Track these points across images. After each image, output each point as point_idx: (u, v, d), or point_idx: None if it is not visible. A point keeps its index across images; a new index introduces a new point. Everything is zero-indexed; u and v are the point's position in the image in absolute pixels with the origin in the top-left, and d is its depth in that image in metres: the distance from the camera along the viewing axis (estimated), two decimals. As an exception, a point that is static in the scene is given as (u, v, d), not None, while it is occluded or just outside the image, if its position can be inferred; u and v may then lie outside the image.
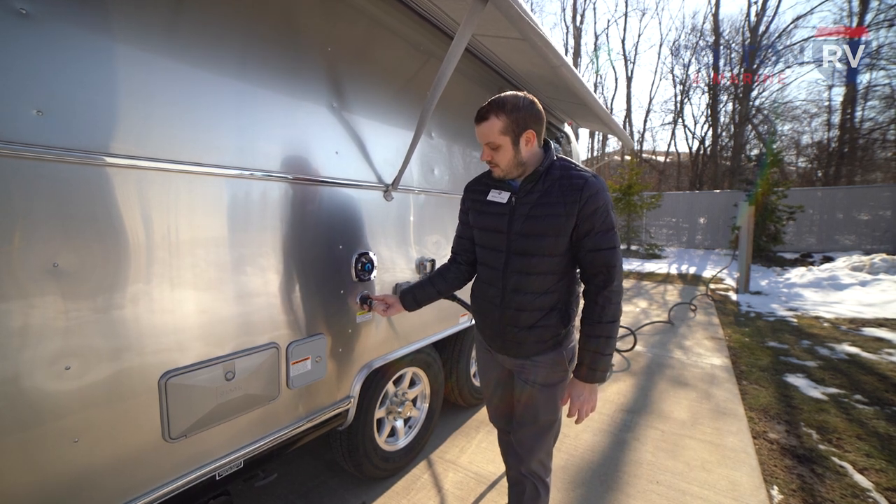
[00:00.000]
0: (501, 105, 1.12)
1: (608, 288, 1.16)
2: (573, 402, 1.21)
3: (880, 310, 5.09)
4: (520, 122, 1.13)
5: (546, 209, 1.15)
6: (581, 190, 1.12)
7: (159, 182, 0.99)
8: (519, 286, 1.20)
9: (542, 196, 1.16)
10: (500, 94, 1.15)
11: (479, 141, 1.19)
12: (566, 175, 1.16)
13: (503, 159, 1.17)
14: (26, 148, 0.79)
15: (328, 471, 2.00)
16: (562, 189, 1.15)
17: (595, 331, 1.16)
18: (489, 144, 1.16)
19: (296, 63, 1.31)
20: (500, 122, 1.12)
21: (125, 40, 0.92)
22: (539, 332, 1.21)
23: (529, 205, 1.17)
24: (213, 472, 1.16)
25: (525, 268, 1.18)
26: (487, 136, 1.15)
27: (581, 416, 1.20)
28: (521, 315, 1.20)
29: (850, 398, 2.77)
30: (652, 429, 2.39)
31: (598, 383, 1.19)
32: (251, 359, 1.21)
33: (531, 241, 1.17)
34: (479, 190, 1.30)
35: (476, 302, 1.34)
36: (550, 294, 1.20)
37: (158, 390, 1.02)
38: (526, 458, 1.31)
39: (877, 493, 1.86)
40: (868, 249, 9.33)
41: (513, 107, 1.12)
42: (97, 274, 0.89)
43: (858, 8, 13.78)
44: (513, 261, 1.20)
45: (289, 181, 1.30)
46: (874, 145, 14.86)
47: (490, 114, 1.13)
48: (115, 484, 0.97)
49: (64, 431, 0.87)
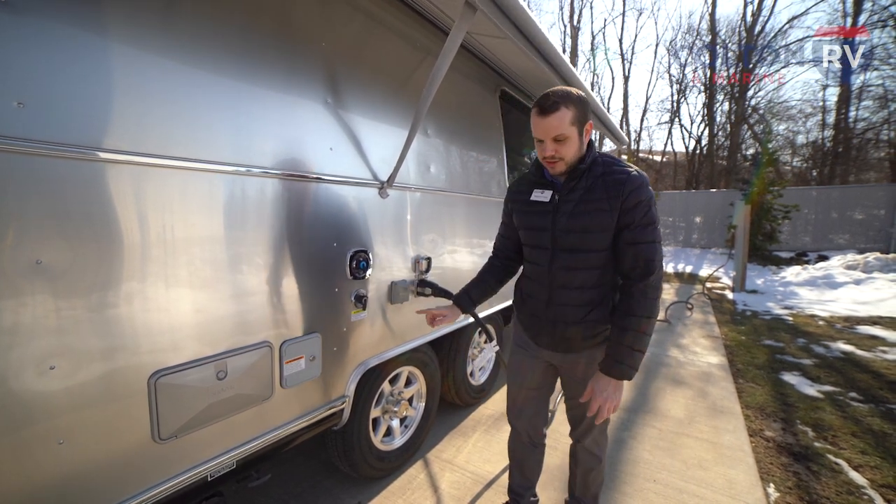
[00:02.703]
0: (567, 95, 1.11)
1: (644, 281, 1.13)
2: (595, 397, 1.15)
3: (874, 308, 5.13)
4: (584, 112, 1.13)
5: (590, 205, 1.16)
6: (623, 184, 1.13)
7: (146, 177, 0.96)
8: (565, 282, 1.21)
9: (586, 192, 1.17)
10: (554, 88, 1.13)
11: (543, 135, 1.14)
12: (609, 171, 1.17)
13: (569, 151, 1.14)
14: (5, 141, 0.76)
15: (323, 471, 1.98)
16: (605, 185, 1.15)
17: (626, 323, 1.14)
18: (557, 137, 1.12)
19: (289, 58, 1.29)
20: (571, 113, 1.10)
21: (111, 31, 0.90)
22: (587, 326, 1.22)
23: (574, 202, 1.18)
24: (205, 473, 1.14)
25: (571, 263, 1.20)
26: (557, 129, 1.11)
27: (602, 414, 1.14)
28: (568, 310, 1.22)
29: (845, 396, 2.79)
30: (649, 427, 2.39)
31: (624, 380, 1.15)
32: (243, 358, 1.19)
33: (576, 237, 1.18)
34: (522, 190, 1.31)
35: (522, 299, 1.36)
36: (597, 288, 1.21)
37: (147, 390, 0.99)
38: (583, 437, 1.41)
39: (871, 490, 1.86)
40: (862, 248, 9.39)
41: (577, 97, 1.12)
42: (82, 271, 0.87)
43: (852, 9, 13.88)
44: (558, 257, 1.21)
45: (281, 177, 1.28)
46: (868, 145, 14.99)
47: (560, 105, 1.10)
48: (102, 486, 0.95)
49: (48, 433, 0.85)
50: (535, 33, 1.50)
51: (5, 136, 0.76)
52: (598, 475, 1.48)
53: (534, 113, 1.15)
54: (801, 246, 10.50)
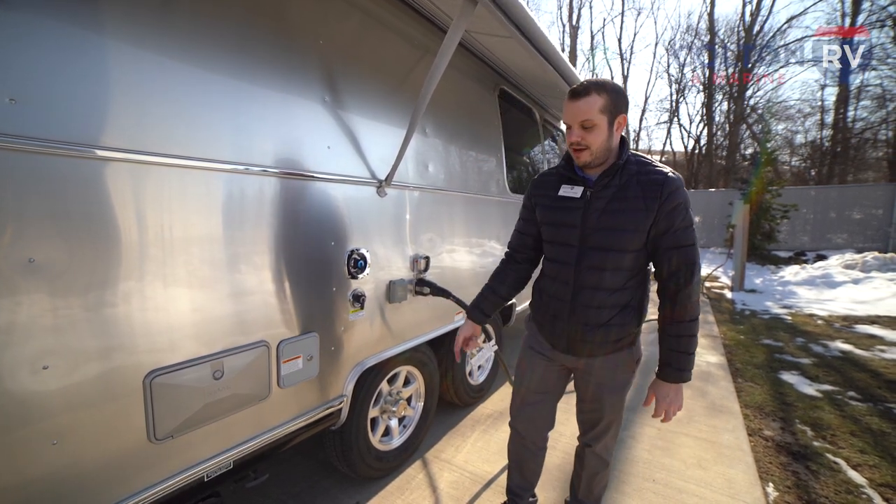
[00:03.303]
0: (601, 84, 1.09)
1: (690, 286, 1.12)
2: (660, 402, 1.19)
3: (872, 307, 5.14)
4: (617, 103, 1.10)
5: (624, 203, 1.13)
6: (662, 185, 1.10)
7: (141, 175, 0.95)
8: (592, 282, 1.17)
9: (620, 190, 1.14)
10: (591, 78, 1.13)
11: (571, 120, 1.12)
12: (644, 170, 1.14)
13: (596, 140, 1.11)
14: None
15: (321, 471, 1.97)
16: (640, 184, 1.12)
17: (680, 330, 1.14)
18: (584, 123, 1.09)
19: (287, 56, 1.28)
20: (602, 100, 1.08)
21: (107, 27, 0.89)
22: (611, 330, 1.19)
23: (606, 199, 1.14)
24: (202, 473, 1.13)
25: (600, 263, 1.16)
26: (586, 113, 1.08)
27: (668, 417, 1.19)
28: (592, 312, 1.18)
29: (843, 395, 2.79)
30: (648, 426, 2.39)
31: (684, 382, 1.17)
32: (240, 357, 1.18)
33: (608, 236, 1.14)
34: (550, 184, 1.26)
35: (542, 300, 1.30)
36: (624, 291, 1.18)
37: (143, 390, 0.99)
38: (594, 442, 1.39)
39: (870, 490, 1.86)
40: (860, 248, 9.42)
41: (612, 87, 1.10)
42: (76, 270, 0.86)
43: (851, 9, 13.91)
44: (587, 256, 1.17)
45: (279, 176, 1.27)
46: (866, 145, 15.03)
47: (591, 90, 1.08)
48: (98, 487, 0.94)
49: (41, 433, 0.84)
50: (532, 29, 1.49)
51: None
52: (604, 478, 1.46)
53: (567, 98, 1.14)
54: (799, 245, 10.52)
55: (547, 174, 1.31)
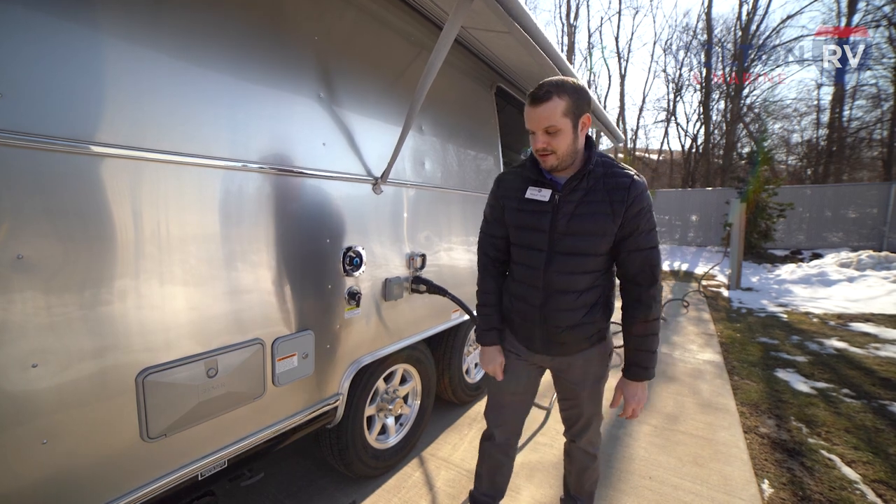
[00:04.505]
0: (562, 85, 1.05)
1: (654, 286, 1.15)
2: (629, 401, 1.22)
3: (866, 305, 5.18)
4: (579, 104, 1.07)
5: (592, 207, 1.12)
6: (628, 189, 1.10)
7: (132, 171, 0.94)
8: (562, 286, 1.17)
9: (587, 194, 1.13)
10: (550, 78, 1.08)
11: (534, 127, 1.09)
12: (610, 173, 1.14)
13: (562, 145, 1.08)
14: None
15: (317, 469, 1.97)
16: (607, 188, 1.12)
17: (644, 329, 1.17)
18: (549, 129, 1.07)
19: (282, 52, 1.27)
20: (564, 103, 1.04)
21: (99, 21, 0.88)
22: (584, 329, 1.20)
23: (574, 203, 1.13)
24: (196, 472, 1.13)
25: (569, 267, 1.15)
26: (549, 119, 1.05)
27: (636, 414, 1.23)
28: (563, 314, 1.18)
29: (838, 392, 2.81)
30: (644, 424, 2.39)
31: (649, 380, 1.20)
32: (234, 355, 1.17)
33: (577, 241, 1.13)
34: (515, 186, 1.23)
35: (512, 303, 1.28)
36: (593, 290, 1.19)
37: (135, 388, 0.98)
38: (578, 437, 1.39)
39: (864, 485, 1.87)
40: (855, 246, 9.47)
41: (573, 87, 1.06)
42: (66, 266, 0.85)
43: (847, 9, 13.97)
44: (556, 260, 1.15)
45: (274, 173, 1.26)
46: (861, 144, 15.12)
47: (552, 94, 1.04)
48: (90, 486, 0.93)
49: (30, 433, 0.83)
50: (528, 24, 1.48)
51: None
52: (594, 472, 1.47)
53: (527, 103, 1.10)
54: (795, 244, 10.57)
55: (510, 174, 1.27)
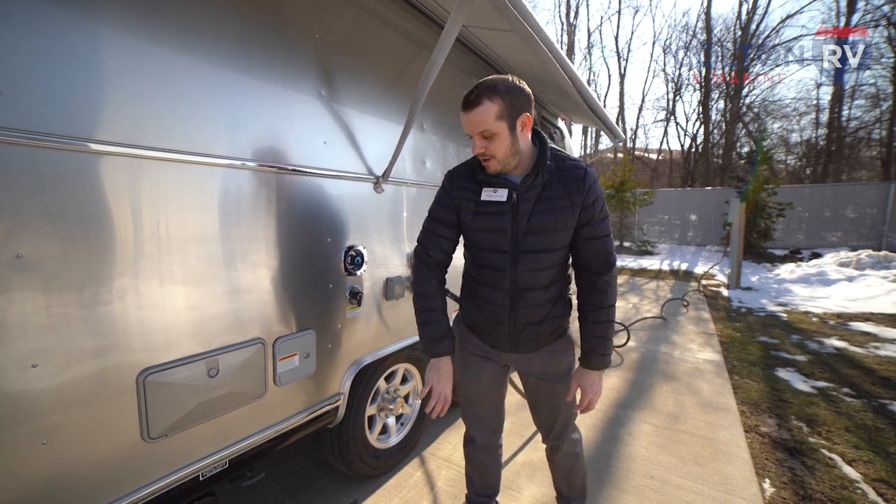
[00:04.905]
0: (493, 87, 1.01)
1: (608, 273, 1.17)
2: (586, 392, 1.20)
3: (866, 304, 5.18)
4: (515, 104, 1.03)
5: (551, 203, 1.11)
6: (583, 181, 1.11)
7: (133, 169, 0.94)
8: (529, 283, 1.16)
9: (544, 190, 1.11)
10: (487, 78, 1.04)
11: (469, 132, 1.06)
12: (563, 166, 1.13)
13: (500, 149, 1.05)
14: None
15: (318, 469, 1.96)
16: (562, 181, 1.11)
17: (600, 316, 1.18)
18: (483, 133, 1.04)
19: (283, 50, 1.27)
20: (496, 106, 1.01)
21: (100, 18, 0.87)
22: (551, 323, 1.21)
23: (532, 200, 1.11)
24: (197, 472, 1.12)
25: (535, 265, 1.15)
26: (481, 124, 1.02)
27: (592, 405, 1.20)
28: (532, 311, 1.18)
29: (838, 391, 2.81)
30: (645, 424, 2.39)
31: (606, 368, 1.20)
32: (235, 355, 1.17)
33: (541, 238, 1.12)
34: (470, 188, 1.17)
35: (477, 306, 1.25)
36: (555, 285, 1.20)
37: (136, 388, 0.97)
38: (559, 441, 1.36)
39: (864, 485, 1.87)
40: (854, 246, 9.49)
41: (506, 88, 1.02)
42: (66, 266, 0.85)
43: (846, 8, 13.98)
44: (522, 260, 1.14)
45: (274, 172, 1.25)
46: (860, 144, 15.14)
47: (483, 98, 1.01)
48: (91, 486, 0.93)
49: (30, 433, 0.82)
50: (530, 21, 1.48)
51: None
52: (581, 468, 1.44)
53: (461, 107, 1.06)
54: (794, 243, 10.59)
55: (462, 171, 1.21)
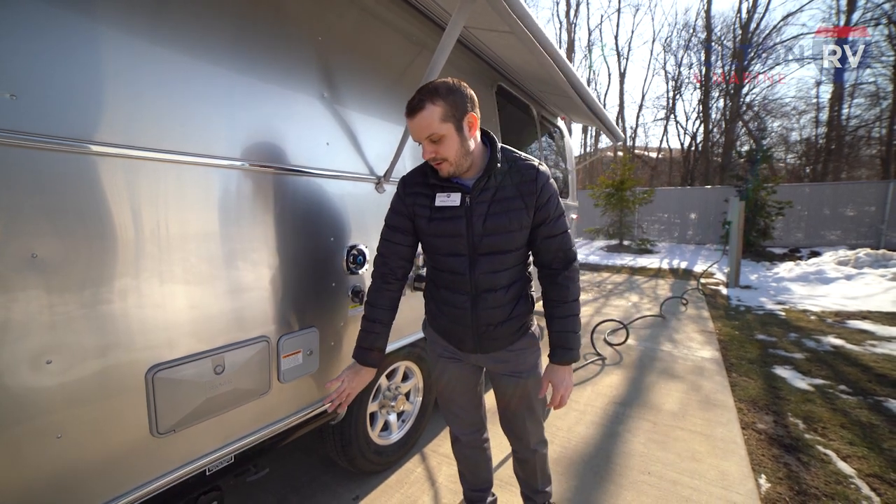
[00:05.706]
0: (435, 91, 1.02)
1: (569, 268, 1.19)
2: (557, 388, 1.19)
3: (863, 303, 5.21)
4: (458, 105, 1.04)
5: (505, 204, 1.11)
6: (535, 181, 1.12)
7: (143, 171, 0.96)
8: (489, 285, 1.17)
9: (497, 192, 1.12)
10: (425, 83, 1.06)
11: (417, 137, 1.07)
12: (515, 167, 1.14)
13: (450, 151, 1.06)
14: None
15: (321, 465, 1.99)
16: (514, 181, 1.12)
17: (565, 311, 1.19)
18: (431, 137, 1.04)
19: (285, 52, 1.28)
20: (439, 108, 1.02)
21: (106, 21, 0.89)
22: (513, 322, 1.22)
23: (486, 202, 1.12)
24: (203, 467, 1.15)
25: (493, 266, 1.16)
26: (427, 128, 1.03)
27: (564, 401, 1.20)
28: (494, 312, 1.19)
29: (834, 389, 2.83)
30: (643, 421, 2.42)
31: (574, 363, 1.21)
32: (241, 352, 1.19)
33: (496, 240, 1.13)
34: (424, 194, 1.18)
35: (439, 309, 1.27)
36: (516, 284, 1.21)
37: (145, 384, 0.99)
38: (527, 438, 1.38)
39: (859, 480, 1.90)
40: (853, 244, 9.51)
41: (447, 90, 1.03)
42: (79, 265, 0.87)
43: (846, 6, 13.97)
44: (479, 263, 1.15)
45: (278, 172, 1.27)
46: (860, 142, 15.15)
47: (425, 102, 1.02)
48: (101, 480, 0.95)
49: (46, 427, 0.85)
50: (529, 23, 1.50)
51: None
52: (546, 459, 1.46)
53: (405, 113, 1.07)
54: (793, 242, 10.61)
55: (413, 181, 1.21)
